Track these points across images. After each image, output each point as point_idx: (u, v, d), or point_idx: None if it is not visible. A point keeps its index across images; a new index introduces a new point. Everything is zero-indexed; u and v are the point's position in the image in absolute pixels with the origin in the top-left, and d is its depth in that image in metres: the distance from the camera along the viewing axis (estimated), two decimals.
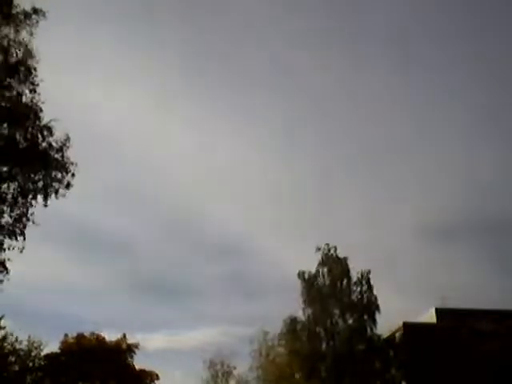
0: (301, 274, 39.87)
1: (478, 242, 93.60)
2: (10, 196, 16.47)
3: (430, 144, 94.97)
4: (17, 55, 16.60)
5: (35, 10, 16.99)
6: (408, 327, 39.61)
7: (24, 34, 16.76)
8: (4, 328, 46.86)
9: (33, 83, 16.75)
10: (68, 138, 16.71)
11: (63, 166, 16.63)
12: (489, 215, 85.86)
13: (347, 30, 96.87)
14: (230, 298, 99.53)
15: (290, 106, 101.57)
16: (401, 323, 39.86)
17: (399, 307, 58.69)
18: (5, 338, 47.16)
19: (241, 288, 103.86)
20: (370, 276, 39.00)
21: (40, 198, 16.56)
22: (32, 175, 16.39)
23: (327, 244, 40.03)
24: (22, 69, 16.49)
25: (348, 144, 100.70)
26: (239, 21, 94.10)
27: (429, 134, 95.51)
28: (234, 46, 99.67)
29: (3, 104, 16.22)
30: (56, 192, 16.65)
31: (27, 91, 16.67)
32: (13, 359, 48.26)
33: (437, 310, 40.80)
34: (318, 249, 39.94)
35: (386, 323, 40.06)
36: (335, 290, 38.73)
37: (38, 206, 16.61)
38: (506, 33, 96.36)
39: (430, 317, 41.01)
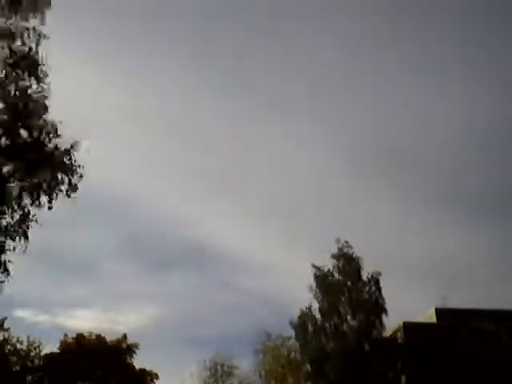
0: (315, 269, 39.82)
1: None
2: (13, 197, 16.43)
3: None
4: (26, 42, 16.42)
5: None
6: (408, 327, 39.69)
7: (33, 21, 16.67)
8: (7, 330, 47.20)
9: (39, 75, 16.59)
10: (76, 142, 16.66)
11: (70, 169, 16.60)
12: None
13: None
14: (137, 271, 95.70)
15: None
16: (401, 323, 39.98)
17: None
18: (7, 339, 47.45)
19: (147, 259, 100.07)
20: (380, 278, 39.20)
21: (45, 199, 16.50)
22: (37, 176, 16.34)
23: (346, 242, 39.97)
24: (29, 60, 16.32)
25: None
26: None
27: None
28: None
29: (9, 100, 16.11)
30: (67, 193, 16.61)
31: (34, 86, 16.52)
32: (14, 359, 48.50)
33: (437, 309, 40.85)
34: (338, 241, 39.84)
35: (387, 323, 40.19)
36: (345, 288, 38.76)
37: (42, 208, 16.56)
38: None
39: (430, 317, 41.09)
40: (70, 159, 16.52)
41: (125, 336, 52.05)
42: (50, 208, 16.58)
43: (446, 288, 70.78)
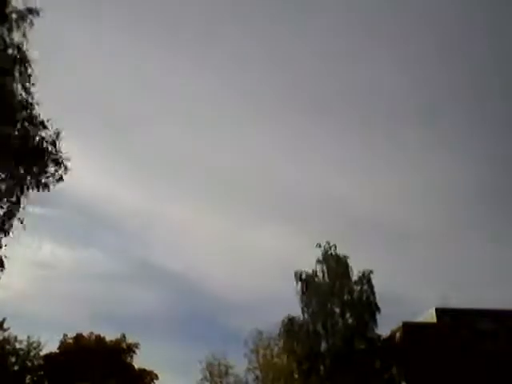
0: (298, 273, 39.64)
1: None
2: (2, 192, 16.38)
3: None
4: (11, 54, 16.50)
5: (30, 10, 16.91)
6: (408, 327, 39.48)
7: (18, 35, 16.65)
8: (7, 330, 47.23)
9: (28, 81, 16.65)
10: (59, 133, 16.61)
11: (56, 160, 16.56)
12: None
13: None
14: None
15: None
16: (401, 323, 39.76)
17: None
18: (7, 339, 47.45)
19: None
20: (372, 276, 39.04)
21: (32, 193, 16.45)
22: (25, 170, 16.31)
23: (328, 242, 39.89)
24: (16, 67, 16.40)
25: None
26: None
27: None
28: None
29: None
30: (47, 186, 16.56)
31: (22, 90, 16.57)
32: (13, 359, 48.49)
33: (437, 309, 40.58)
34: (319, 245, 39.75)
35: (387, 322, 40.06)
36: (335, 289, 38.55)
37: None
38: None
39: (430, 317, 40.84)
40: (56, 150, 16.48)
41: (124, 336, 52.04)
42: (34, 201, 16.54)
43: None
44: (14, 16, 16.31)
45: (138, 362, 52.83)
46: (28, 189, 16.29)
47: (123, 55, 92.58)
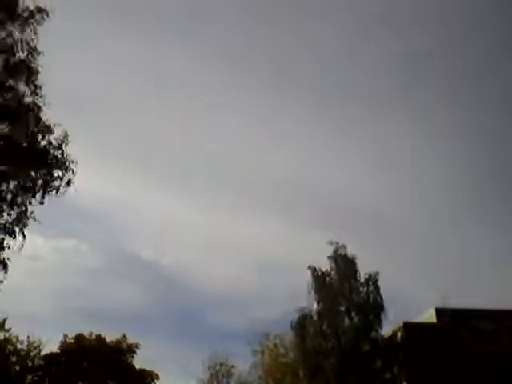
0: (313, 270, 39.77)
1: None
2: (9, 195, 16.45)
3: None
4: (20, 54, 16.56)
5: (39, 9, 17.02)
6: (408, 327, 39.59)
7: (28, 33, 16.73)
8: (8, 330, 47.23)
9: (35, 85, 16.72)
10: (66, 135, 16.69)
11: (63, 164, 16.63)
12: None
13: None
14: None
15: None
16: (401, 323, 39.88)
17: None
18: (8, 339, 47.46)
19: None
20: (378, 277, 39.20)
21: (39, 195, 16.52)
22: (31, 173, 16.39)
23: (337, 242, 40.04)
24: (24, 69, 16.45)
25: None
26: None
27: None
28: None
29: (4, 103, 16.18)
30: (57, 190, 16.64)
31: (29, 92, 16.64)
32: (14, 359, 48.52)
33: (437, 309, 40.69)
34: (331, 243, 39.87)
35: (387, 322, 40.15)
36: (343, 289, 38.69)
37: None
38: None
39: (430, 317, 40.96)
40: (63, 154, 16.55)
41: (124, 336, 52.09)
42: (41, 203, 16.61)
43: None
44: (24, 14, 16.35)
45: (138, 362, 53.04)
46: (36, 193, 16.37)
47: (123, 55, 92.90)
